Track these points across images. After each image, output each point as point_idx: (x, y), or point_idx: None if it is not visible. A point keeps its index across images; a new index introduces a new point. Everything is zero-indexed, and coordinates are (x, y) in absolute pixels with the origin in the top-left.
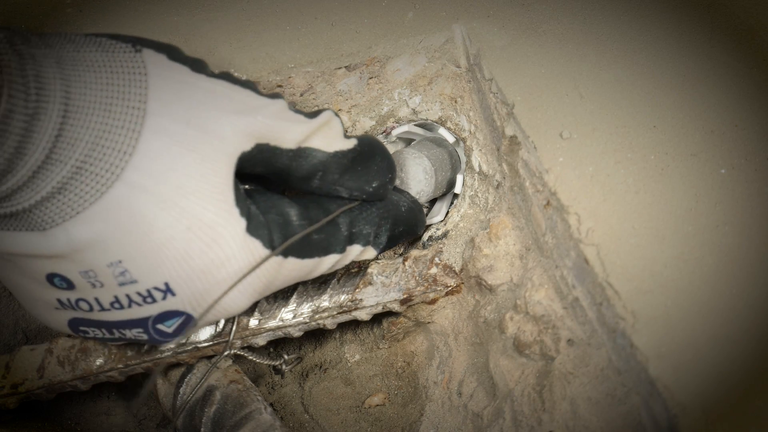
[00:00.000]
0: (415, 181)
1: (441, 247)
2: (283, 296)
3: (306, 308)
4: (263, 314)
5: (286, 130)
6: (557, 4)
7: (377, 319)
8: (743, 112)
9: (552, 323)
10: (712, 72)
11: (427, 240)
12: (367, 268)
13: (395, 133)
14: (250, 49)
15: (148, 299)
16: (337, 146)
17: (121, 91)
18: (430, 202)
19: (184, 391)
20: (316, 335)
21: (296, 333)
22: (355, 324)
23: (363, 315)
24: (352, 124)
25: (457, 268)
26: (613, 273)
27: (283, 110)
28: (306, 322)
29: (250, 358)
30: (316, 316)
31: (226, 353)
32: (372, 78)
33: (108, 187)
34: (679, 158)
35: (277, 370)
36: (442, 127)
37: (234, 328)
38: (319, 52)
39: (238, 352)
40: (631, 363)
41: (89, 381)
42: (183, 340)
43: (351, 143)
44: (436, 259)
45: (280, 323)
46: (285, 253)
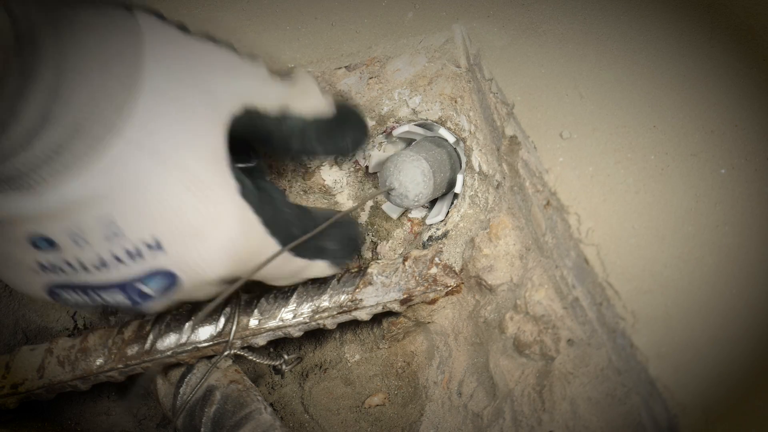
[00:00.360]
0: (414, 183)
1: (441, 247)
2: (283, 296)
3: (306, 308)
4: (263, 314)
5: (270, 95)
6: (557, 4)
7: (377, 319)
8: (743, 112)
9: (552, 323)
10: (712, 72)
11: (427, 240)
12: (367, 268)
13: (396, 133)
14: (251, 49)
15: (136, 256)
16: (318, 110)
17: (118, 50)
18: (431, 202)
19: (184, 391)
20: (316, 335)
21: (296, 333)
22: (355, 324)
23: (363, 315)
24: None
25: (457, 268)
26: (613, 273)
27: (266, 74)
28: (306, 322)
29: (250, 358)
30: (316, 316)
31: (226, 353)
32: (372, 78)
33: (105, 145)
34: (679, 158)
35: (277, 370)
36: (442, 127)
37: (234, 328)
38: (319, 52)
39: (238, 352)
40: (631, 363)
41: (89, 381)
42: (165, 304)
43: (329, 106)
44: (436, 259)
45: (280, 323)
46: (273, 233)
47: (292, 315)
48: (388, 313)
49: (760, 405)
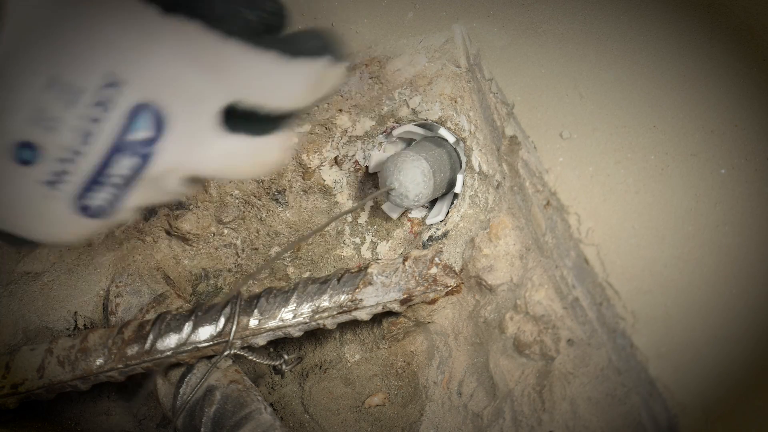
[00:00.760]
0: (414, 183)
1: (441, 247)
2: (283, 296)
3: (306, 308)
4: (263, 314)
5: None
6: (557, 4)
7: (377, 319)
8: (743, 112)
9: (552, 323)
10: (712, 72)
11: (427, 240)
12: (367, 268)
13: (395, 133)
14: None
15: (107, 104)
16: None
17: None
18: (430, 203)
19: (184, 391)
20: (316, 335)
21: (296, 333)
22: (355, 324)
23: (363, 315)
24: (352, 124)
25: (457, 268)
26: (613, 273)
27: None
28: (306, 322)
29: (250, 358)
30: (316, 316)
31: (226, 353)
32: (372, 78)
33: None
34: (679, 158)
35: (277, 370)
36: (443, 127)
37: (234, 328)
38: None
39: (238, 352)
40: (631, 363)
41: (89, 381)
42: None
43: None
44: (436, 259)
45: (280, 323)
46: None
47: (292, 315)
48: (388, 313)
49: (760, 405)
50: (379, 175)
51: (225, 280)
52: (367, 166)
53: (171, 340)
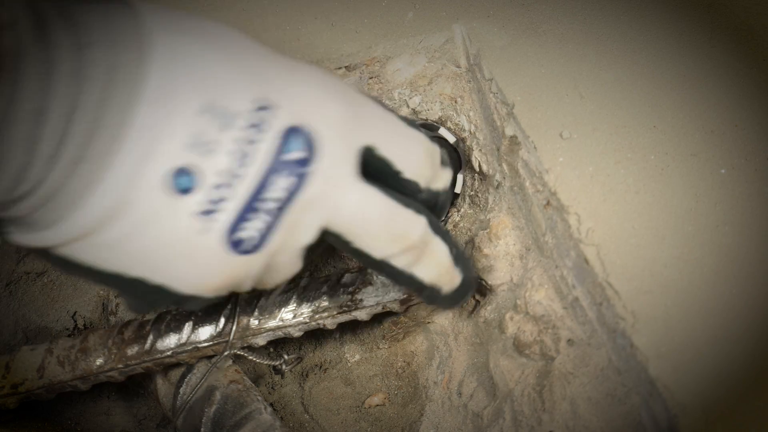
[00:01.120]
0: None
1: None
2: (283, 296)
3: (306, 308)
4: (263, 314)
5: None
6: (557, 4)
7: (377, 319)
8: (743, 112)
9: (552, 323)
10: (712, 72)
11: None
12: (367, 267)
13: None
14: None
15: (261, 126)
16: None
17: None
18: None
19: (184, 391)
20: (316, 335)
21: (296, 333)
22: (355, 324)
23: (363, 315)
24: None
25: None
26: (613, 273)
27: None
28: (306, 322)
29: (250, 358)
30: (316, 316)
31: (226, 353)
32: (372, 78)
33: (149, 46)
34: (679, 158)
35: (277, 370)
36: (442, 127)
37: (234, 328)
38: (319, 52)
39: (238, 352)
40: (631, 363)
41: (89, 381)
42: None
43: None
44: None
45: (280, 323)
46: None
47: (292, 315)
48: (388, 313)
49: (760, 405)
50: None
51: None
52: None
53: (171, 340)
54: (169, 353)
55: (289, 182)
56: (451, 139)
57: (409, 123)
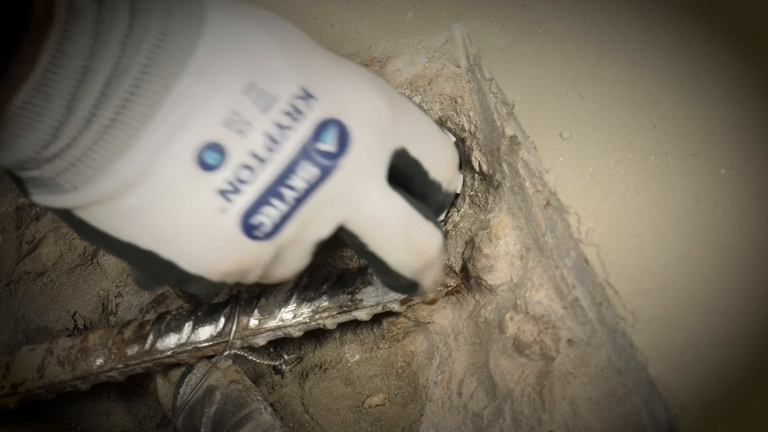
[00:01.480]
0: None
1: None
2: (283, 296)
3: (306, 308)
4: (263, 314)
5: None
6: (557, 4)
7: (377, 319)
8: (743, 112)
9: (552, 323)
10: (712, 72)
11: None
12: (367, 267)
13: None
14: None
15: (296, 114)
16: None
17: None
18: None
19: (184, 391)
20: (316, 335)
21: (296, 333)
22: (355, 324)
23: (363, 315)
24: None
25: (457, 268)
26: (613, 273)
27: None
28: (306, 322)
29: (250, 358)
30: (316, 316)
31: (226, 353)
32: None
33: (200, 21)
34: (679, 158)
35: (277, 370)
36: (443, 127)
37: (234, 328)
38: None
39: (238, 352)
40: (631, 363)
41: (89, 381)
42: (359, 163)
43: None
44: None
45: (280, 323)
46: None
47: (292, 315)
48: (388, 313)
49: (760, 405)
50: None
51: None
52: None
53: (171, 340)
54: (169, 353)
55: (313, 173)
56: (451, 139)
57: (442, 128)
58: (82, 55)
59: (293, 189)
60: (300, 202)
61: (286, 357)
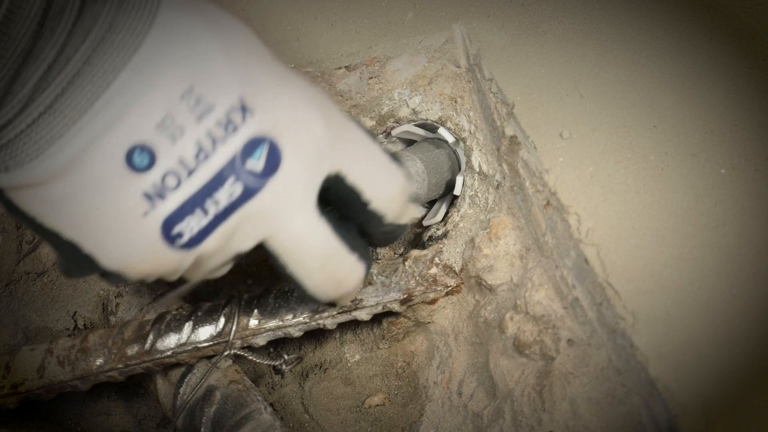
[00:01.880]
0: None
1: (441, 247)
2: (283, 296)
3: (306, 308)
4: (263, 314)
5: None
6: (557, 4)
7: (377, 319)
8: (743, 112)
9: (552, 323)
10: (712, 72)
11: (427, 240)
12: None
13: (395, 133)
14: None
15: (229, 127)
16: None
17: None
18: (430, 203)
19: (184, 391)
20: (316, 335)
21: (296, 333)
22: (355, 324)
23: (363, 315)
24: None
25: (457, 268)
26: (613, 273)
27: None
28: (306, 322)
29: (250, 358)
30: (316, 316)
31: (226, 353)
32: (372, 78)
33: (152, 17)
34: (679, 158)
35: (277, 370)
36: (442, 127)
37: (234, 328)
38: (319, 52)
39: (238, 352)
40: (631, 363)
41: (89, 381)
42: (288, 188)
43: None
44: (436, 259)
45: (280, 323)
46: None
47: (292, 315)
48: (388, 313)
49: (760, 405)
50: None
51: (225, 280)
52: None
53: (171, 340)
54: (169, 353)
55: (238, 191)
56: (450, 139)
57: (392, 158)
58: (24, 39)
59: (217, 203)
60: (222, 216)
61: (286, 357)
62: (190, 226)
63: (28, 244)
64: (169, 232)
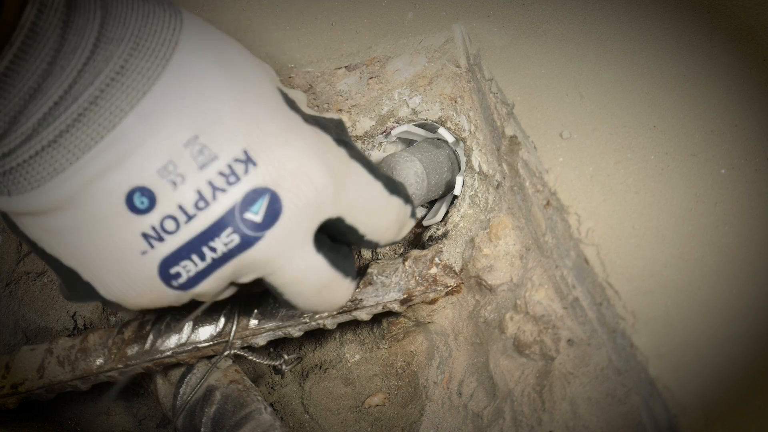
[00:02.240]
0: (406, 183)
1: (441, 247)
2: None
3: None
4: (263, 314)
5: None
6: (557, 4)
7: (377, 319)
8: (743, 112)
9: (552, 323)
10: (712, 72)
11: (427, 240)
12: (367, 267)
13: (395, 133)
14: (250, 49)
15: (231, 177)
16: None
17: (158, 16)
18: (430, 203)
19: (184, 391)
20: (316, 335)
21: (296, 333)
22: (355, 324)
23: (363, 315)
24: (352, 124)
25: (457, 268)
26: (613, 273)
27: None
28: (306, 322)
29: (250, 358)
30: (316, 316)
31: (226, 353)
32: (372, 78)
33: (166, 61)
34: (679, 158)
35: (277, 370)
36: (442, 127)
37: (234, 328)
38: (319, 52)
39: (238, 352)
40: (631, 363)
41: (89, 381)
42: (287, 236)
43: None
44: (436, 259)
45: (280, 323)
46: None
47: (292, 315)
48: (388, 313)
49: (760, 405)
50: None
51: None
52: None
53: (171, 340)
54: (169, 353)
55: (236, 240)
56: (450, 139)
57: (392, 188)
58: (33, 78)
59: (214, 250)
60: (219, 262)
61: (286, 357)
62: (187, 269)
63: None
64: (167, 271)
